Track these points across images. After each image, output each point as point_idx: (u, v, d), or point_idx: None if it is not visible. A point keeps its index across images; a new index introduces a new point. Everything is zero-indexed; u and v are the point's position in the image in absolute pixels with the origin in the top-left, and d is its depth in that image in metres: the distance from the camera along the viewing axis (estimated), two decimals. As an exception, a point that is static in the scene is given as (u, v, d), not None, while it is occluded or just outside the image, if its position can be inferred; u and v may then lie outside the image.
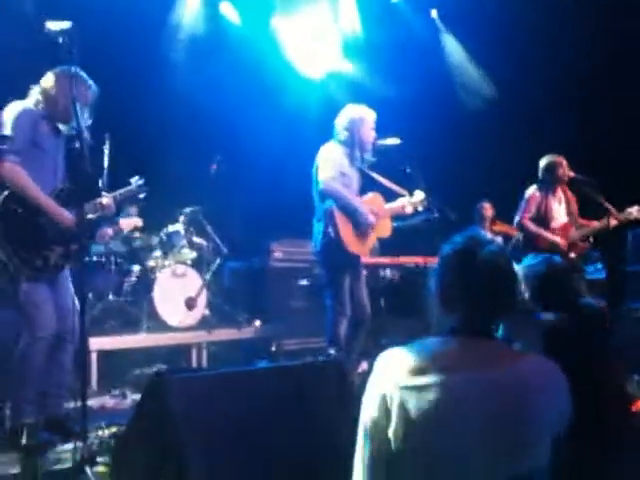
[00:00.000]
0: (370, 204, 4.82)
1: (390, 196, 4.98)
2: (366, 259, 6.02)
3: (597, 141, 7.07)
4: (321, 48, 8.12)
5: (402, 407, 1.59)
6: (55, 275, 3.64)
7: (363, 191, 4.90)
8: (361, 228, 4.66)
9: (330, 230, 4.54)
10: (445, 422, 1.57)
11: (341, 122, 4.76)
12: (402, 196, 4.90)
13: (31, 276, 3.50)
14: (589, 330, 2.88)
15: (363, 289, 4.84)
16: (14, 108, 3.56)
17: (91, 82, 3.72)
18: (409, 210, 4.86)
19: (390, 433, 1.61)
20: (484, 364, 1.63)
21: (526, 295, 2.99)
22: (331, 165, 4.59)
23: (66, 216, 3.56)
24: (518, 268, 3.04)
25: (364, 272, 5.15)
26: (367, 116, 4.76)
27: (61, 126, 3.70)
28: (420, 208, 4.86)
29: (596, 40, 6.91)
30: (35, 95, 3.67)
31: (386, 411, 1.62)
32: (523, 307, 2.45)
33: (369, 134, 4.75)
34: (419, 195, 4.84)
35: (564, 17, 7.14)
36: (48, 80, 3.66)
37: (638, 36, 6.74)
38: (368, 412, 1.67)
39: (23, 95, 3.71)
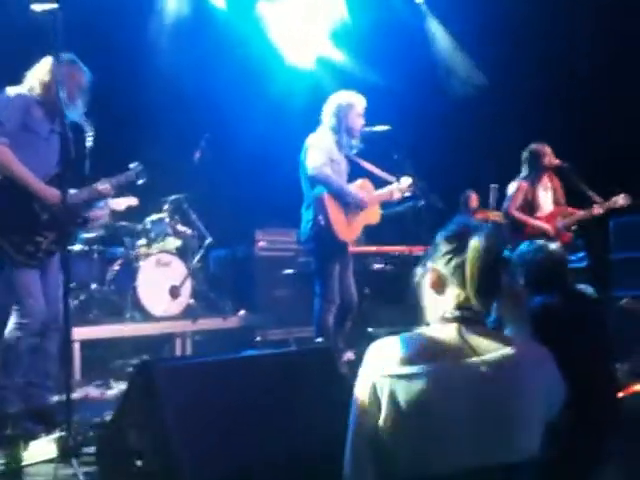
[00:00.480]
0: (360, 190, 4.80)
1: (378, 183, 4.96)
2: (352, 248, 6.01)
3: (585, 129, 7.10)
4: (307, 34, 8.06)
5: (392, 396, 1.59)
6: (46, 261, 3.61)
7: (351, 178, 4.88)
8: (353, 210, 4.66)
9: (321, 218, 4.52)
10: (434, 410, 1.57)
11: (329, 108, 4.73)
12: (389, 183, 4.88)
13: (22, 261, 3.48)
14: (585, 314, 2.91)
15: (351, 277, 4.84)
16: (6, 93, 3.57)
17: (85, 68, 3.72)
18: (397, 196, 4.84)
19: (380, 421, 1.60)
20: (474, 351, 1.61)
21: (521, 281, 3.01)
22: (321, 151, 4.56)
23: (56, 195, 3.51)
24: (513, 254, 3.06)
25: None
26: (356, 102, 4.73)
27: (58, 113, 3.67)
28: (407, 194, 4.85)
29: (587, 28, 6.94)
30: (29, 81, 3.66)
31: (376, 400, 1.61)
32: (514, 292, 2.46)
33: (357, 121, 4.72)
34: (406, 181, 4.83)
35: (555, 4, 7.14)
36: (43, 66, 3.63)
37: (628, 25, 6.76)
38: (359, 400, 1.66)
39: (9, 78, 3.69)
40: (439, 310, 1.73)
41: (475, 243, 1.69)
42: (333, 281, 4.62)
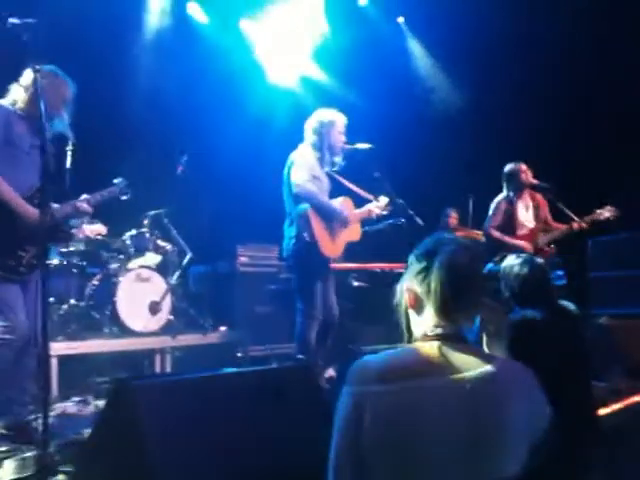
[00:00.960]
0: (342, 208, 4.83)
1: (357, 201, 4.99)
2: (334, 264, 6.03)
3: (564, 145, 7.19)
4: (289, 52, 8.12)
5: (373, 413, 1.59)
6: (27, 276, 3.58)
7: (331, 196, 4.91)
8: (336, 227, 4.69)
9: (305, 234, 4.54)
10: (417, 428, 1.57)
11: (311, 125, 4.76)
12: (369, 201, 4.92)
13: (3, 276, 3.45)
14: (566, 329, 2.94)
15: (333, 293, 4.85)
16: None
17: (69, 79, 3.71)
18: (375, 214, 4.89)
19: (362, 438, 1.60)
20: (452, 368, 1.62)
21: (506, 294, 3.05)
22: (305, 168, 4.59)
23: (35, 213, 3.48)
24: (500, 267, 3.10)
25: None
26: (337, 120, 4.77)
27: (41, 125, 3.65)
28: (385, 212, 4.89)
29: (565, 44, 7.02)
30: (12, 95, 3.64)
31: (358, 416, 1.62)
32: (500, 305, 2.51)
33: (339, 138, 4.76)
34: (383, 200, 4.89)
35: (532, 21, 7.25)
36: (25, 79, 3.61)
37: (610, 38, 6.87)
38: (341, 417, 1.67)
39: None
40: (420, 328, 1.74)
41: (443, 261, 1.70)
42: (316, 298, 4.63)
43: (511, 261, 3.14)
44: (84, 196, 3.83)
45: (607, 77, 6.94)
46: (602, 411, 3.79)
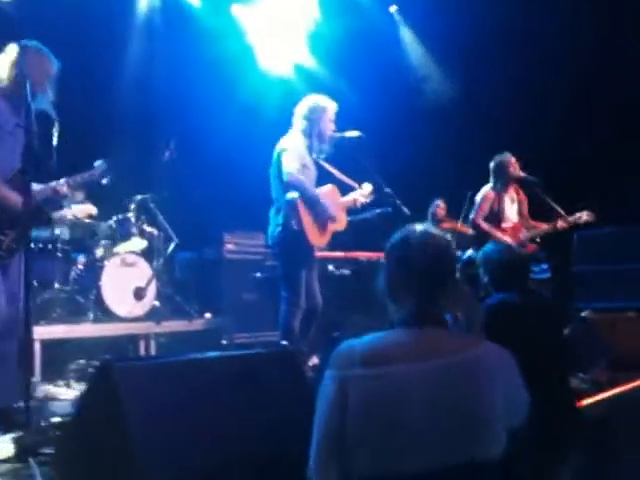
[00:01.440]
0: (327, 196, 4.81)
1: (343, 189, 4.98)
2: (319, 253, 6.02)
3: (555, 139, 7.22)
4: (281, 39, 8.08)
5: (355, 396, 1.64)
6: (8, 260, 3.52)
7: (316, 183, 4.89)
8: (321, 220, 4.67)
9: (293, 222, 4.50)
10: (397, 410, 1.61)
11: (301, 111, 4.71)
12: (353, 189, 4.90)
13: None
14: (543, 312, 3.00)
15: (316, 282, 4.84)
16: None
17: (53, 56, 3.62)
18: (360, 202, 4.88)
19: (344, 421, 1.64)
20: (434, 352, 1.66)
21: (485, 279, 3.11)
22: (295, 156, 4.54)
23: (14, 197, 3.44)
24: (478, 254, 3.15)
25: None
26: (328, 107, 4.73)
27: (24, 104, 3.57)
28: (368, 200, 4.88)
29: (561, 35, 7.03)
30: None
31: (341, 400, 1.65)
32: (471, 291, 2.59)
33: (329, 125, 4.73)
34: (367, 187, 4.88)
35: (527, 10, 7.25)
36: (8, 55, 3.53)
37: (609, 28, 6.88)
38: (324, 400, 1.70)
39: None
40: (401, 314, 1.78)
41: (416, 242, 1.78)
42: (300, 286, 4.62)
43: (489, 248, 3.22)
44: (63, 179, 3.76)
45: (603, 68, 6.96)
46: (584, 402, 3.83)
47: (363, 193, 4.86)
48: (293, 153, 4.55)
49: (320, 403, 1.71)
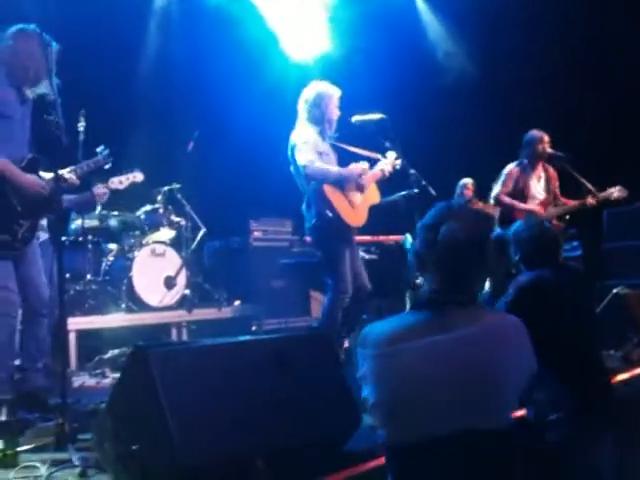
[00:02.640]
0: (351, 170, 4.77)
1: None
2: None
3: (582, 119, 7.10)
4: (300, 24, 8.04)
5: (379, 372, 1.79)
6: (22, 250, 3.52)
7: (340, 165, 4.87)
8: (354, 194, 4.62)
9: (327, 211, 4.46)
10: (415, 382, 1.74)
11: (309, 98, 4.66)
12: (377, 160, 4.85)
13: None
14: (574, 287, 2.97)
15: (362, 266, 4.79)
16: None
17: (50, 38, 3.48)
18: (388, 171, 4.80)
19: (377, 394, 1.78)
20: (450, 328, 1.76)
21: (515, 257, 3.08)
22: (308, 147, 4.50)
23: (33, 182, 3.45)
24: (505, 232, 3.13)
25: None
26: (334, 93, 4.70)
27: (28, 91, 3.56)
28: (397, 167, 4.80)
29: (579, 17, 6.92)
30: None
31: (371, 376, 1.80)
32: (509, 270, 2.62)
33: (335, 112, 4.70)
34: (391, 155, 4.80)
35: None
36: (13, 42, 3.50)
37: (617, 17, 6.77)
38: (361, 378, 1.85)
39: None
40: (424, 291, 1.89)
41: (445, 236, 1.80)
42: (346, 272, 4.52)
43: (519, 225, 3.19)
44: (70, 168, 3.73)
45: (633, 40, 6.82)
46: (615, 379, 3.80)
47: (388, 162, 4.80)
48: (305, 145, 4.51)
49: (358, 379, 1.86)
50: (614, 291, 5.76)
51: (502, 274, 3.16)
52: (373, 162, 4.85)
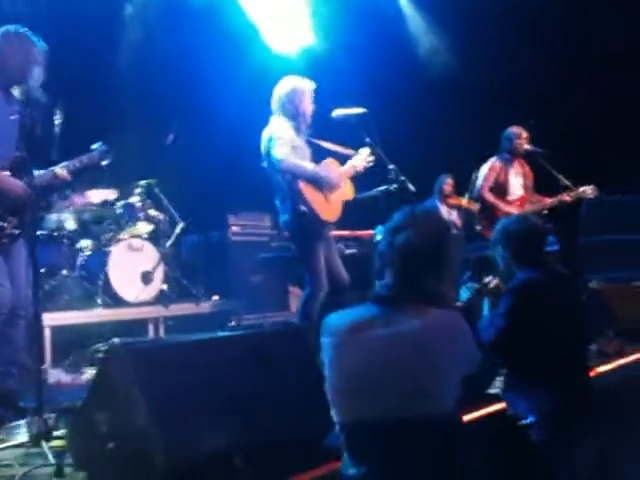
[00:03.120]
0: (327, 169, 4.78)
1: (340, 160, 4.93)
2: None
3: (559, 113, 7.16)
4: (281, 15, 8.00)
5: (333, 359, 1.99)
6: (9, 246, 3.49)
7: (313, 161, 4.86)
8: (328, 189, 4.64)
9: (301, 206, 4.48)
10: (362, 371, 1.92)
11: (281, 94, 4.66)
12: (350, 157, 4.84)
13: None
14: (565, 292, 2.97)
15: (338, 258, 4.82)
16: None
17: (37, 39, 3.53)
18: (361, 167, 4.80)
19: (332, 377, 2.00)
20: (396, 322, 1.93)
21: (507, 253, 3.04)
22: (283, 142, 4.49)
23: (19, 186, 3.41)
24: (495, 230, 3.11)
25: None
26: (308, 87, 4.70)
27: (15, 91, 3.52)
28: (370, 163, 4.81)
29: (565, 14, 6.97)
30: None
31: (328, 362, 2.01)
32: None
33: (310, 106, 4.70)
34: (364, 151, 4.78)
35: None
36: None
37: (605, 15, 6.82)
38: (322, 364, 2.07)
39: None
40: (378, 287, 2.05)
41: (401, 243, 1.98)
42: (321, 268, 4.56)
43: (506, 221, 3.17)
44: (63, 163, 3.70)
45: (610, 36, 6.89)
46: (592, 373, 3.83)
47: (361, 158, 4.81)
48: (280, 140, 4.50)
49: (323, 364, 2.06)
50: (590, 285, 5.83)
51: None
52: (347, 158, 4.85)
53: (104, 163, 3.89)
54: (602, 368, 4.25)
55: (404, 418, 1.87)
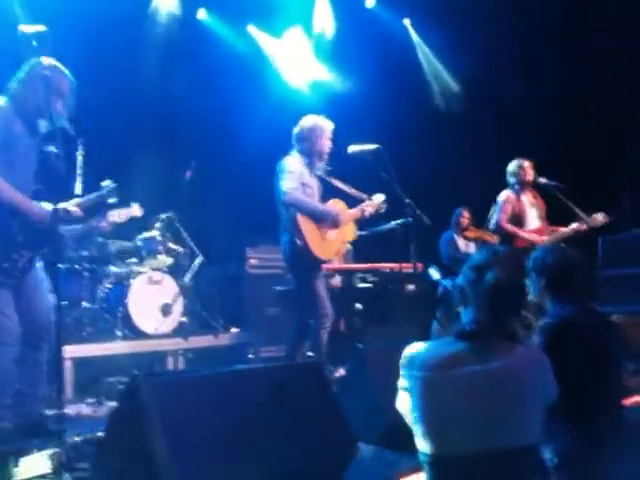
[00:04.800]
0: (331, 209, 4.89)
1: (351, 202, 5.03)
2: (341, 265, 6.07)
3: (569, 146, 7.19)
4: (298, 55, 8.17)
5: (427, 392, 2.01)
6: (21, 278, 3.53)
7: (323, 199, 4.98)
8: (327, 228, 4.76)
9: (297, 240, 4.63)
10: (454, 404, 1.97)
11: (301, 132, 4.86)
12: (362, 200, 4.97)
13: None
14: (601, 331, 2.88)
15: (326, 292, 4.90)
16: None
17: (67, 72, 3.59)
18: (369, 212, 4.94)
19: (413, 412, 2.03)
20: (483, 359, 1.99)
21: (542, 284, 2.92)
22: (292, 176, 4.67)
23: (40, 211, 3.47)
24: (531, 258, 3.02)
25: (339, 277, 5.64)
26: (326, 126, 4.88)
27: (42, 123, 3.58)
28: (381, 210, 4.94)
29: (572, 49, 7.04)
30: (10, 92, 3.55)
31: (408, 396, 2.05)
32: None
33: (327, 144, 4.86)
34: (378, 198, 4.95)
35: (538, 21, 7.27)
36: (24, 74, 3.53)
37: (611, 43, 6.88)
38: (400, 395, 2.11)
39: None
40: (462, 322, 2.11)
41: (490, 280, 2.06)
42: (321, 295, 4.70)
43: (540, 252, 3.02)
44: (75, 201, 3.75)
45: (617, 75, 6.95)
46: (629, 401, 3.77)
47: (372, 204, 4.94)
48: (290, 174, 4.67)
49: (398, 400, 2.12)
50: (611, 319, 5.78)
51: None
52: (358, 201, 4.98)
53: (111, 201, 3.98)
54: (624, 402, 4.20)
55: (492, 450, 1.95)
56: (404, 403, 2.11)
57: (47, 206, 3.58)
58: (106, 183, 3.98)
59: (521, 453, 1.98)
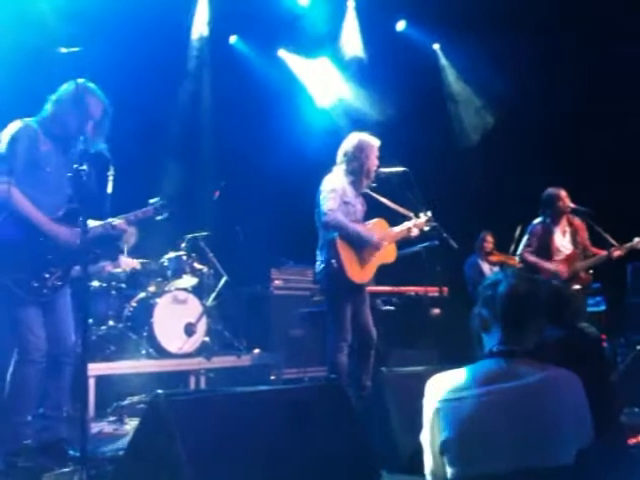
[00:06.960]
0: (374, 229, 4.83)
1: (396, 220, 4.97)
2: (369, 287, 6.03)
3: (601, 172, 7.13)
4: (327, 78, 8.24)
5: (447, 416, 2.00)
6: (52, 296, 3.56)
7: (368, 216, 4.92)
8: (367, 251, 4.69)
9: (333, 261, 4.57)
10: (480, 425, 1.96)
11: (348, 149, 4.77)
12: (408, 218, 4.90)
13: (25, 297, 3.42)
14: (586, 352, 2.88)
15: (368, 315, 4.83)
16: (13, 126, 3.50)
17: (100, 93, 3.65)
18: (415, 232, 4.86)
19: (442, 436, 2.00)
20: (515, 377, 1.97)
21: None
22: (334, 195, 4.61)
23: (62, 232, 3.51)
24: None
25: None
26: (374, 143, 4.80)
27: (76, 144, 3.60)
28: (426, 228, 4.85)
29: (598, 73, 7.00)
30: (44, 111, 3.62)
31: (437, 420, 2.02)
32: None
33: (374, 162, 4.79)
34: (424, 216, 4.86)
35: (564, 49, 7.25)
36: (58, 95, 3.60)
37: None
38: (426, 421, 2.08)
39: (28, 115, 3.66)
40: (487, 346, 2.09)
41: (505, 290, 2.05)
42: (345, 320, 4.63)
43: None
44: (121, 216, 3.82)
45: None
46: (634, 439, 3.70)
47: (418, 223, 4.85)
48: (332, 193, 4.61)
49: (424, 422, 2.09)
50: (638, 347, 5.68)
51: None
52: (401, 217, 4.91)
53: (159, 218, 4.01)
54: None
55: (522, 470, 1.92)
56: (430, 435, 2.08)
57: (93, 223, 3.63)
58: (154, 200, 4.01)
59: (551, 474, 1.93)
